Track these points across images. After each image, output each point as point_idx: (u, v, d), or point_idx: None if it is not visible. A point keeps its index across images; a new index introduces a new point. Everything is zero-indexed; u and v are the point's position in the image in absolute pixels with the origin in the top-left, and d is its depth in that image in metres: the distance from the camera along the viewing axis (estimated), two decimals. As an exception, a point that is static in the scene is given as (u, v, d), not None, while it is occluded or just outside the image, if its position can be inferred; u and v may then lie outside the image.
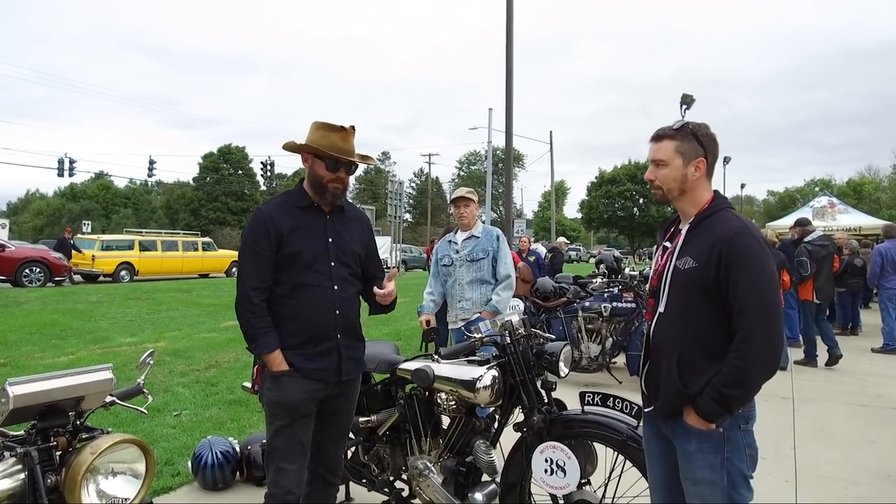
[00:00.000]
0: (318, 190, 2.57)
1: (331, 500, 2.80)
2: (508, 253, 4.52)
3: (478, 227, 4.48)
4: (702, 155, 2.10)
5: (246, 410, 5.57)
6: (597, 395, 2.72)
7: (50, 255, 18.85)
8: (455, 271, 4.40)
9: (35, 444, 1.57)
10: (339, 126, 2.54)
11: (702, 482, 2.02)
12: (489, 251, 4.36)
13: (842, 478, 4.24)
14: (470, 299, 4.33)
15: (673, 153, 2.10)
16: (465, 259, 4.37)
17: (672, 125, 2.14)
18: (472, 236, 4.43)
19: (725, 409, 1.95)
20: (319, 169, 2.54)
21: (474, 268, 4.35)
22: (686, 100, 25.28)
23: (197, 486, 3.90)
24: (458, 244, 4.44)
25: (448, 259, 4.46)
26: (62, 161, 31.48)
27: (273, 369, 2.45)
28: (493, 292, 4.33)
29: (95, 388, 1.71)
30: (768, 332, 1.92)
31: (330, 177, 2.53)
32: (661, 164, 2.12)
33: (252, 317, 2.44)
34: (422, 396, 3.06)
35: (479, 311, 4.27)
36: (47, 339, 9.20)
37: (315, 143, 2.52)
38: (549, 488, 2.63)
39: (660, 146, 2.13)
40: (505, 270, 4.38)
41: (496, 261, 4.37)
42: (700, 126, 2.13)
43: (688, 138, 2.10)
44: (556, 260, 14.94)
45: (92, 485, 1.53)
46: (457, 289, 4.39)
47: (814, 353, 8.16)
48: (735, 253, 1.95)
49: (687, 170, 2.09)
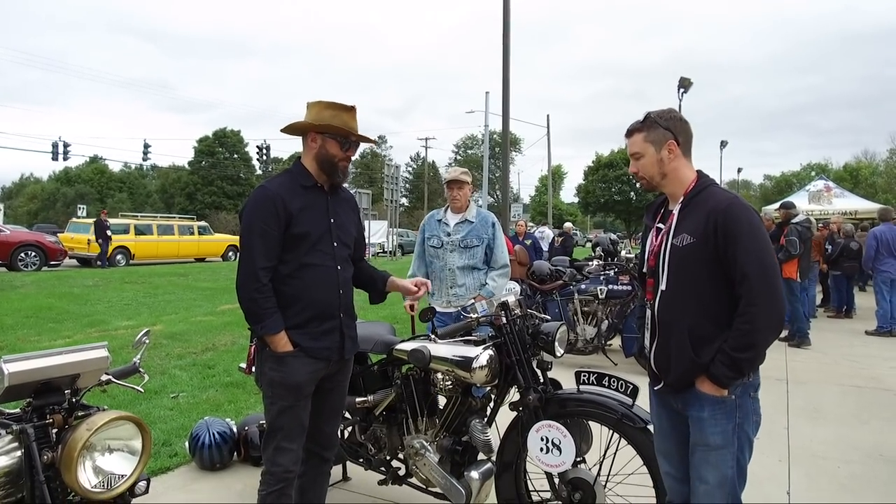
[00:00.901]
0: (329, 169, 2.56)
1: (326, 476, 2.82)
2: (504, 240, 4.41)
3: (471, 211, 4.32)
4: (670, 138, 2.22)
5: (243, 392, 5.58)
6: (592, 375, 2.73)
7: (45, 238, 18.78)
8: (445, 255, 4.24)
9: (31, 421, 1.57)
10: (349, 105, 2.56)
11: (714, 447, 2.11)
12: (484, 239, 4.23)
13: (834, 457, 4.29)
14: (464, 285, 4.20)
15: (643, 143, 2.24)
16: (457, 244, 4.21)
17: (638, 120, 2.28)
18: (466, 220, 4.27)
19: (738, 372, 2.05)
20: (332, 148, 2.53)
21: (467, 254, 4.21)
22: (684, 83, 25.23)
23: (194, 467, 3.92)
24: (451, 227, 4.28)
25: (437, 241, 4.28)
26: (56, 145, 31.25)
27: (277, 350, 2.43)
28: (488, 277, 4.23)
29: (91, 366, 1.71)
30: (771, 293, 2.02)
31: (342, 155, 2.55)
32: (638, 156, 2.27)
33: (259, 297, 2.39)
34: (418, 376, 3.07)
35: (474, 297, 4.03)
36: (43, 322, 9.19)
37: (327, 121, 2.51)
38: (545, 466, 2.65)
39: (632, 140, 2.27)
40: (502, 259, 4.27)
41: (491, 249, 4.25)
42: (663, 112, 2.26)
43: (653, 127, 2.24)
44: (567, 243, 14.95)
45: (88, 461, 1.53)
46: (447, 274, 4.24)
47: (805, 330, 8.39)
48: (731, 223, 2.05)
49: (661, 154, 2.22)
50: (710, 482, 2.12)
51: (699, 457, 2.15)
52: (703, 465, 2.14)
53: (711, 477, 2.12)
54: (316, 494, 2.74)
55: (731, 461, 2.11)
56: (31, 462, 1.52)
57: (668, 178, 2.23)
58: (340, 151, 2.54)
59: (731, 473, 2.11)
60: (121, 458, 1.61)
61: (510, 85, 14.67)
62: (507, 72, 14.59)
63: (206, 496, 3.55)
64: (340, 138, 2.53)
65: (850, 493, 3.70)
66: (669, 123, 2.22)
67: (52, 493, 1.54)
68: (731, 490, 2.12)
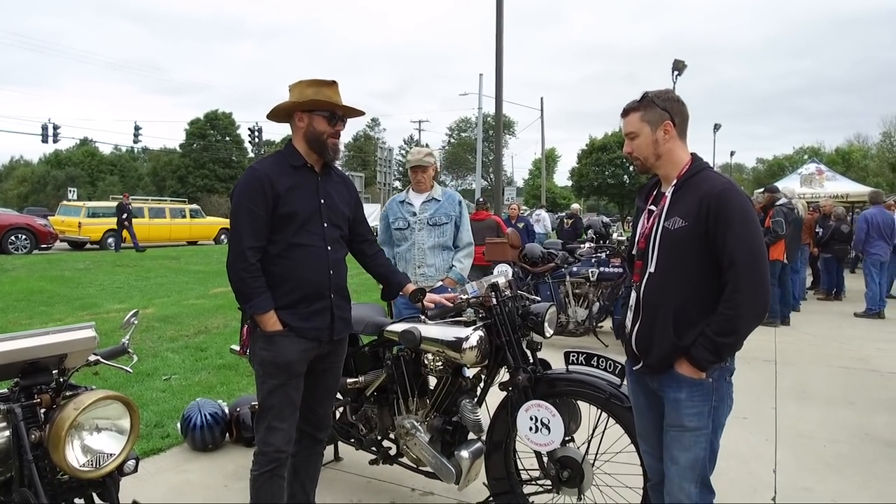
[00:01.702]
0: (318, 147, 2.55)
1: (319, 457, 2.84)
2: (468, 219, 4.37)
3: (437, 190, 4.25)
4: (667, 118, 2.20)
5: (235, 374, 5.60)
6: (581, 355, 2.75)
7: (35, 221, 18.64)
8: (413, 235, 4.14)
9: (18, 401, 1.57)
10: (329, 80, 2.54)
11: (689, 429, 2.13)
12: (452, 216, 4.18)
13: (821, 437, 4.34)
14: (433, 265, 4.13)
15: (639, 123, 2.22)
16: (425, 223, 4.14)
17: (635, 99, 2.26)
18: (432, 199, 4.20)
19: (718, 356, 2.07)
20: (319, 125, 2.52)
21: (437, 232, 4.13)
22: (678, 66, 25.15)
23: (186, 448, 3.94)
24: (416, 206, 4.17)
25: (403, 222, 4.16)
26: (46, 127, 30.90)
27: (266, 329, 2.44)
28: (454, 259, 4.18)
29: (78, 346, 1.70)
30: (757, 281, 2.03)
31: (331, 131, 2.53)
32: (633, 136, 2.25)
33: (247, 276, 2.40)
34: (409, 357, 3.08)
35: (442, 279, 4.07)
36: (35, 305, 9.15)
37: (310, 98, 2.49)
38: (534, 445, 2.68)
39: (628, 120, 2.26)
40: (467, 237, 4.25)
41: (457, 228, 4.21)
42: (660, 93, 2.24)
43: (650, 106, 2.22)
44: (577, 225, 15.03)
45: (77, 441, 1.53)
46: (416, 253, 4.13)
47: (777, 311, 8.50)
48: (723, 208, 2.04)
49: (656, 135, 2.20)
50: (681, 463, 2.15)
51: (672, 437, 2.18)
52: (675, 445, 2.17)
53: (683, 458, 2.14)
54: (309, 474, 2.76)
55: (705, 443, 2.13)
56: (19, 441, 1.52)
57: (662, 160, 2.22)
58: (329, 127, 2.53)
59: (702, 455, 2.13)
60: (109, 437, 1.61)
61: (504, 68, 14.59)
62: (500, 54, 14.50)
63: (198, 476, 3.57)
64: (327, 113, 2.52)
65: (836, 472, 3.75)
66: (666, 104, 2.20)
67: (41, 472, 1.54)
68: (702, 471, 2.15)
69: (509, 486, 2.90)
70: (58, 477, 1.62)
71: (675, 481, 2.16)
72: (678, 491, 2.16)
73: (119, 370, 1.93)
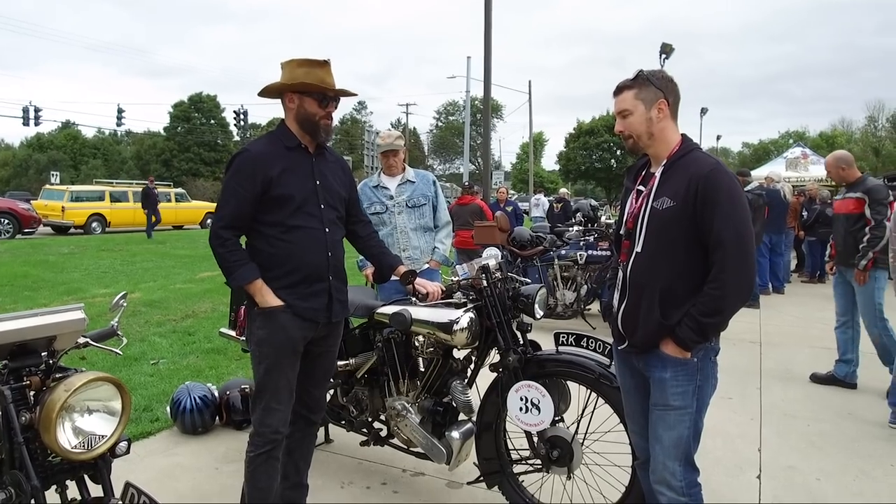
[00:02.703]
0: (310, 128, 2.52)
1: (313, 438, 2.85)
2: (443, 198, 4.35)
3: (409, 172, 4.19)
4: (661, 97, 2.19)
5: (224, 358, 5.58)
6: (570, 336, 2.77)
7: (18, 206, 18.39)
8: (393, 218, 4.06)
9: (7, 383, 1.56)
10: (322, 60, 2.49)
11: (673, 408, 2.15)
12: (429, 196, 4.15)
13: (804, 416, 4.42)
14: (417, 248, 4.09)
15: (634, 101, 2.20)
16: (404, 205, 4.06)
17: (629, 77, 2.24)
18: (407, 181, 4.11)
19: (703, 336, 2.09)
20: (311, 106, 2.49)
21: (416, 214, 4.08)
22: (665, 49, 25.13)
23: (176, 431, 3.93)
24: (392, 189, 4.09)
25: (380, 206, 4.06)
26: (27, 110, 30.34)
27: (260, 301, 2.41)
28: (435, 240, 4.17)
29: (67, 328, 1.69)
30: (743, 262, 2.03)
31: (322, 113, 2.50)
32: (626, 114, 2.22)
33: (224, 251, 2.40)
34: (399, 339, 3.08)
35: (428, 262, 4.09)
36: (19, 290, 9.06)
37: (300, 79, 2.46)
38: (524, 425, 2.70)
39: (621, 97, 2.24)
40: (445, 217, 4.24)
41: (434, 208, 4.19)
42: (654, 72, 2.23)
43: (645, 84, 2.20)
44: (567, 208, 15.05)
45: (68, 422, 1.52)
46: (398, 237, 4.06)
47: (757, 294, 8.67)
48: (711, 189, 2.04)
49: (651, 113, 2.19)
50: (665, 442, 2.17)
51: (657, 416, 2.20)
52: (660, 424, 2.19)
53: (667, 437, 2.17)
54: (302, 455, 2.77)
55: (689, 422, 2.16)
56: (10, 423, 1.51)
57: (654, 139, 2.21)
58: (320, 109, 2.50)
59: (686, 434, 2.16)
60: (100, 418, 1.60)
61: (492, 51, 14.51)
62: (489, 38, 14.40)
63: (188, 459, 3.57)
64: (318, 95, 2.48)
65: (820, 451, 3.82)
66: (661, 83, 2.19)
67: (32, 454, 1.53)
68: (686, 450, 2.17)
69: (499, 466, 2.92)
70: (49, 459, 1.61)
71: (660, 460, 2.19)
72: (662, 469, 2.18)
73: (108, 353, 1.91)
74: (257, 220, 2.48)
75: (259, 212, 2.46)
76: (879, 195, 4.77)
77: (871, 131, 56.29)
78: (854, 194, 4.91)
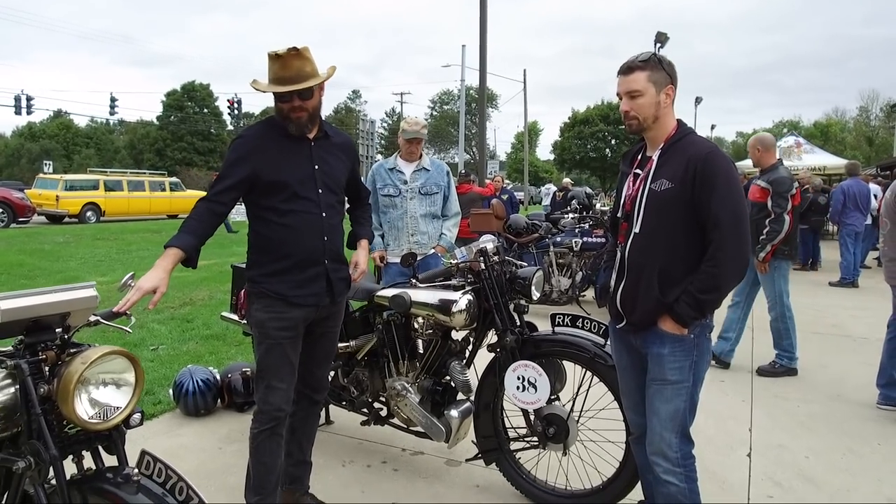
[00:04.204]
0: (285, 121, 2.51)
1: (316, 417, 2.92)
2: (455, 190, 4.49)
3: (426, 160, 4.30)
4: (670, 82, 2.24)
5: (223, 344, 5.64)
6: (567, 317, 2.85)
7: (12, 195, 18.35)
8: (405, 203, 4.19)
9: (24, 357, 1.61)
10: (275, 54, 2.42)
11: (671, 382, 2.23)
12: (441, 186, 4.28)
13: (794, 398, 4.51)
14: (425, 233, 4.22)
15: (646, 83, 2.21)
16: (417, 191, 4.20)
17: (639, 57, 2.25)
18: (422, 168, 4.25)
19: (700, 312, 2.17)
20: (277, 102, 2.49)
21: (427, 201, 4.23)
22: (660, 38, 25.10)
23: (179, 413, 4.00)
24: (407, 175, 4.22)
25: (393, 189, 4.20)
26: (19, 98, 30.16)
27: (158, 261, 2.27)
28: (443, 227, 4.30)
29: (81, 305, 1.74)
30: (739, 241, 2.11)
31: (286, 108, 2.46)
32: (637, 95, 2.23)
33: (188, 216, 2.40)
34: (399, 321, 3.15)
35: (434, 248, 4.21)
36: (15, 279, 9.08)
37: (260, 81, 2.48)
38: (521, 404, 2.78)
39: (633, 77, 2.23)
40: (455, 207, 4.37)
41: (446, 198, 4.32)
42: (662, 57, 2.27)
43: (657, 68, 2.23)
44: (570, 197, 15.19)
45: (84, 394, 1.58)
46: (408, 221, 4.19)
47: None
48: (709, 170, 2.11)
49: (659, 97, 2.23)
50: (662, 414, 2.25)
51: (655, 390, 2.27)
52: (657, 398, 2.26)
53: (664, 409, 2.25)
54: (306, 434, 2.83)
55: (685, 396, 2.24)
56: (28, 395, 1.57)
57: (658, 122, 2.25)
58: (281, 104, 2.47)
59: (683, 407, 2.24)
60: (115, 390, 1.66)
61: (487, 40, 14.51)
62: (484, 27, 14.40)
63: (191, 440, 3.63)
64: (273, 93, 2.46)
65: (809, 430, 3.92)
66: (670, 69, 2.24)
67: (49, 425, 1.59)
68: (682, 422, 2.26)
69: (497, 444, 3.00)
70: (65, 430, 1.67)
71: (657, 431, 2.27)
72: (659, 441, 2.26)
73: (118, 330, 1.97)
74: (257, 205, 2.53)
75: (258, 196, 2.51)
76: (782, 188, 4.81)
77: (863, 121, 56.46)
78: (760, 182, 4.97)
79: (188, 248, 2.30)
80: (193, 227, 2.37)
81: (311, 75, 2.43)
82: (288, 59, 2.39)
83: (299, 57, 2.41)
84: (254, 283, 2.56)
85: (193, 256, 2.34)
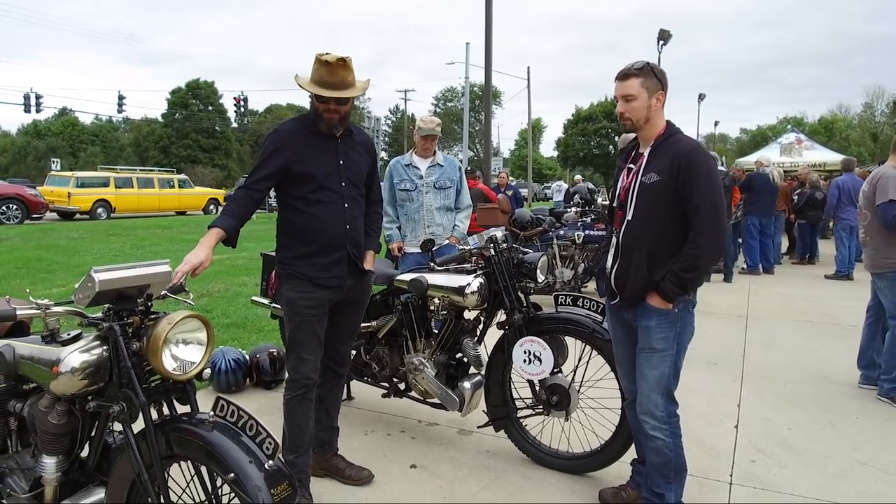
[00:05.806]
0: (318, 119, 2.81)
1: (340, 388, 3.25)
2: (466, 184, 4.85)
3: (439, 156, 4.63)
4: (660, 89, 2.56)
5: (244, 332, 5.96)
6: (568, 297, 3.17)
7: (26, 192, 18.70)
8: (420, 197, 4.52)
9: (114, 320, 1.93)
10: (325, 60, 2.69)
11: (657, 350, 2.55)
12: (454, 180, 4.62)
13: (782, 378, 4.82)
14: (440, 225, 4.56)
15: (639, 88, 2.54)
16: (431, 186, 4.52)
17: (634, 65, 2.58)
18: (436, 164, 4.56)
19: (683, 289, 2.48)
20: (314, 100, 2.79)
21: (442, 195, 4.55)
22: (663, 35, 25.34)
23: (211, 390, 4.31)
24: (422, 170, 4.54)
25: (410, 184, 4.51)
26: (28, 96, 30.50)
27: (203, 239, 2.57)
28: (456, 219, 4.65)
29: (159, 279, 2.07)
30: (716, 227, 2.44)
31: (322, 108, 2.76)
32: (631, 99, 2.56)
33: (227, 201, 2.75)
34: (416, 303, 3.47)
35: (448, 238, 4.56)
36: (35, 273, 9.34)
37: (310, 77, 2.75)
38: (528, 375, 3.10)
39: (628, 83, 2.56)
40: (467, 200, 4.74)
41: (458, 192, 4.67)
42: (655, 65, 2.59)
43: (650, 75, 2.55)
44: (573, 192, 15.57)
45: (168, 350, 1.90)
46: (423, 214, 4.53)
47: (731, 267, 9.50)
48: (692, 165, 2.44)
49: (651, 101, 2.55)
50: (649, 379, 2.57)
51: (643, 357, 2.59)
52: (645, 364, 2.59)
53: (651, 374, 2.56)
54: (332, 402, 3.15)
55: (670, 362, 2.55)
56: (119, 352, 1.89)
57: (649, 123, 2.56)
58: (319, 104, 2.76)
59: (667, 372, 2.56)
60: (191, 348, 1.98)
61: (493, 37, 14.78)
62: (489, 25, 14.67)
63: (225, 414, 3.95)
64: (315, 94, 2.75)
65: (794, 406, 4.23)
66: (661, 77, 2.57)
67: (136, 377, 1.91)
68: (667, 385, 2.58)
69: (506, 412, 3.33)
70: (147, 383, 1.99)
71: (645, 394, 2.59)
72: (647, 402, 2.58)
73: (182, 303, 2.30)
74: (287, 194, 2.85)
75: (288, 186, 2.82)
76: None
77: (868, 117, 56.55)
78: None
79: (229, 229, 2.64)
80: (233, 211, 2.72)
81: (351, 84, 2.74)
82: (336, 67, 2.68)
83: (345, 67, 2.70)
84: (283, 265, 2.88)
85: (233, 236, 2.68)
